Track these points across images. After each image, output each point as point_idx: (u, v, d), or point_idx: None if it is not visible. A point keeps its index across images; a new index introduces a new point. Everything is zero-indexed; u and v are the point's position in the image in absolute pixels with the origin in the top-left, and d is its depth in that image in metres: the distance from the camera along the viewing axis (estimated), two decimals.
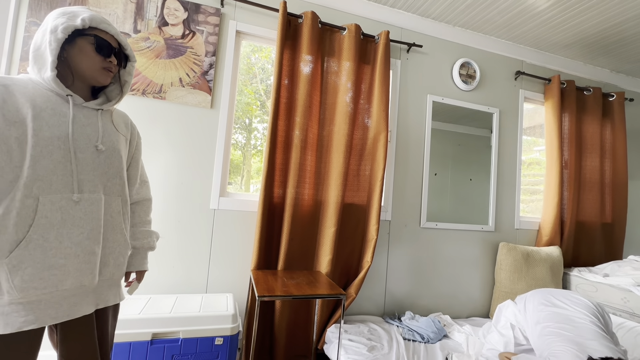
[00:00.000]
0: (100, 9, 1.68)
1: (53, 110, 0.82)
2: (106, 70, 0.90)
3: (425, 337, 1.74)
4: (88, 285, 0.86)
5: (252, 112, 2.13)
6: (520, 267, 2.22)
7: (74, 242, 0.82)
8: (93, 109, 0.91)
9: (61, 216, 0.80)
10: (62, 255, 0.80)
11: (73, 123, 0.84)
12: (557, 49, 2.55)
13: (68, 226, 0.81)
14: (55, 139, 0.81)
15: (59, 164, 0.81)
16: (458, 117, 2.40)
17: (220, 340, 1.43)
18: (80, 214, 0.83)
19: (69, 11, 0.85)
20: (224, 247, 1.85)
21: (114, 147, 0.94)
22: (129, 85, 1.00)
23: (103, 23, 0.88)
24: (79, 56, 0.86)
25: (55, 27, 0.80)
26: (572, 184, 2.53)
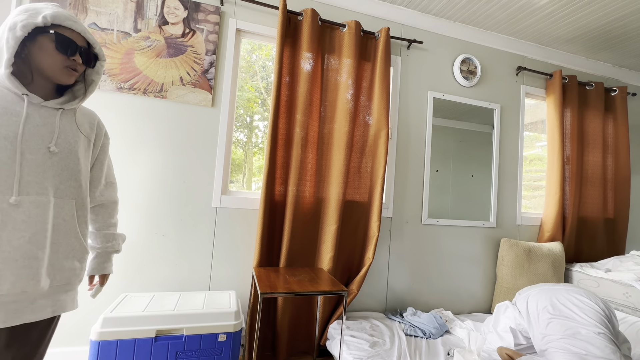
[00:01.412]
0: (100, 8, 1.69)
1: (4, 109, 0.79)
2: (69, 69, 0.87)
3: (427, 333, 1.75)
4: (32, 292, 0.81)
5: (253, 109, 2.13)
6: (522, 262, 2.22)
7: (13, 246, 0.78)
8: (53, 108, 0.88)
9: (1, 218, 0.77)
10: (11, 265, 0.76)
11: (25, 123, 0.82)
12: (559, 43, 2.54)
13: (8, 229, 0.77)
14: (2, 139, 0.78)
15: (4, 164, 0.78)
16: (459, 113, 2.40)
17: (223, 337, 1.45)
18: (22, 217, 0.80)
19: (32, 8, 0.82)
20: (227, 244, 1.86)
21: (70, 149, 0.90)
22: (96, 84, 0.97)
23: (68, 20, 0.84)
24: (39, 54, 0.83)
25: (14, 24, 0.78)
26: (574, 179, 2.53)
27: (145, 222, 1.74)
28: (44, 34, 0.82)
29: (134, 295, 1.60)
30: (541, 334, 1.33)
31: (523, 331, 1.48)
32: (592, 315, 1.26)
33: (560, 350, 1.22)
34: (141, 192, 1.74)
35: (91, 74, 0.96)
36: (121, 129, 1.72)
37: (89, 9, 1.67)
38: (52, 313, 0.86)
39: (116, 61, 1.70)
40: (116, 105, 1.71)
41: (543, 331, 1.33)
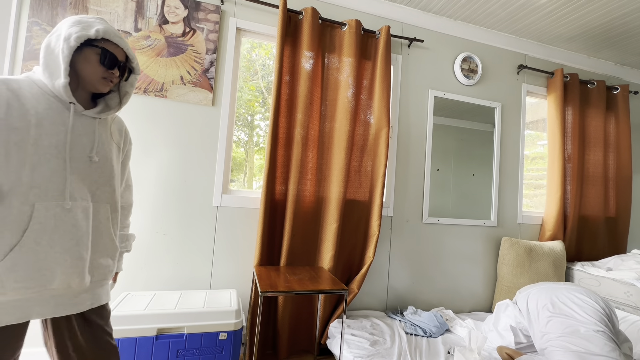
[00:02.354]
0: (101, 7, 1.69)
1: (53, 119, 0.84)
2: (106, 80, 0.92)
3: (427, 332, 1.75)
4: (76, 288, 0.88)
5: (254, 108, 2.13)
6: (523, 261, 2.22)
7: (64, 248, 0.84)
8: (91, 117, 0.93)
9: (54, 222, 0.82)
10: (52, 259, 0.82)
11: (71, 132, 0.87)
12: (560, 41, 2.53)
13: (60, 232, 0.83)
14: (53, 148, 0.83)
15: (55, 172, 0.83)
16: (460, 112, 2.39)
17: (224, 336, 1.45)
18: (72, 221, 0.85)
19: (84, 20, 0.87)
20: (227, 243, 1.86)
21: (106, 157, 0.96)
22: (129, 96, 1.02)
23: (116, 36, 0.90)
24: (83, 64, 0.88)
25: (69, 35, 0.83)
26: (575, 178, 2.52)
27: (146, 222, 1.74)
28: (91, 46, 0.87)
29: (135, 294, 1.60)
30: (541, 332, 1.33)
31: (523, 330, 1.48)
32: (592, 314, 1.26)
33: (559, 348, 1.22)
34: (142, 191, 1.74)
35: (125, 85, 1.01)
36: None
37: (89, 8, 1.68)
38: (90, 305, 0.93)
39: None
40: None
41: (543, 329, 1.33)
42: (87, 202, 0.90)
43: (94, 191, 0.92)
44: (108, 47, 0.90)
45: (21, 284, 0.78)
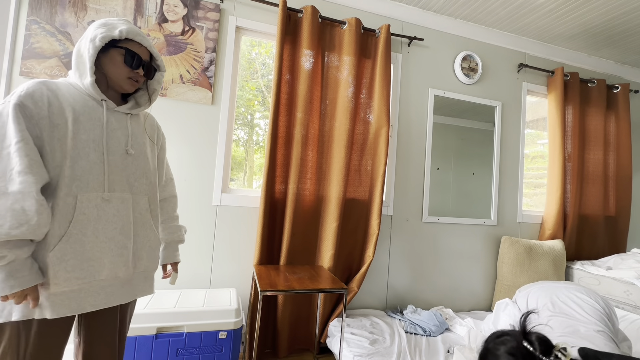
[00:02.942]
0: (100, 6, 1.68)
1: (89, 115, 0.88)
2: (132, 80, 0.95)
3: (427, 331, 1.75)
4: (123, 277, 0.93)
5: (253, 107, 2.13)
6: (523, 260, 2.22)
7: (108, 237, 0.88)
8: (123, 113, 0.97)
9: (97, 213, 0.86)
10: (98, 249, 0.86)
11: (106, 127, 0.91)
12: (561, 40, 2.52)
13: (103, 222, 0.87)
14: (91, 142, 0.87)
15: (94, 164, 0.87)
16: (460, 110, 2.39)
17: (224, 334, 1.45)
18: (113, 211, 0.89)
19: (109, 23, 0.91)
20: (227, 242, 1.86)
21: (140, 150, 0.99)
22: (158, 93, 1.05)
23: (139, 35, 0.93)
24: (109, 65, 0.91)
25: (94, 36, 0.87)
26: (575, 177, 2.52)
27: None
28: (116, 47, 0.91)
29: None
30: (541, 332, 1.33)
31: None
32: (592, 313, 1.26)
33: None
34: None
35: (152, 83, 1.04)
36: None
37: (88, 7, 1.67)
38: (134, 296, 0.97)
39: None
40: None
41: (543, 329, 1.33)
42: (126, 194, 0.93)
43: (132, 183, 0.95)
44: (132, 47, 0.93)
45: (72, 273, 0.81)
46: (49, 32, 1.61)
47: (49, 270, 0.79)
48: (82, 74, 0.88)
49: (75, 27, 1.65)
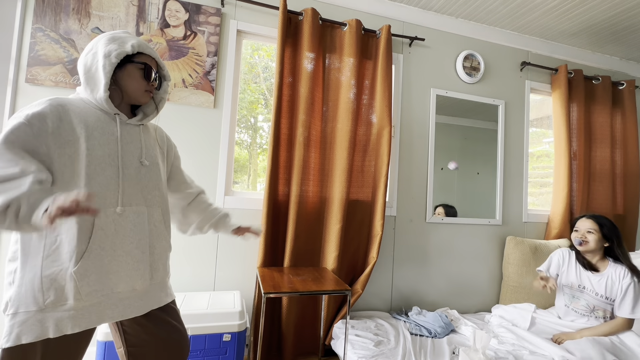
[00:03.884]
0: (103, 12, 1.71)
1: (103, 130, 0.89)
2: (148, 92, 0.97)
3: (432, 332, 1.73)
4: (140, 289, 0.94)
5: (256, 109, 2.14)
6: (529, 260, 2.19)
7: (125, 251, 0.89)
8: (135, 125, 0.97)
9: (114, 227, 0.87)
10: (116, 263, 0.87)
11: (120, 140, 0.92)
12: (564, 37, 2.50)
13: (120, 236, 0.88)
14: (107, 157, 0.88)
15: (111, 179, 0.88)
16: (463, 110, 2.38)
17: (228, 337, 1.46)
18: (130, 225, 0.90)
19: (118, 37, 0.91)
20: (231, 245, 1.87)
21: (153, 161, 1.00)
22: (165, 101, 1.06)
23: (148, 48, 0.95)
24: (128, 80, 0.93)
25: (109, 52, 0.87)
26: (581, 175, 2.49)
27: None
28: (132, 62, 0.92)
29: None
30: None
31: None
32: None
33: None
34: None
35: (159, 92, 1.05)
36: None
37: (92, 14, 1.69)
38: (150, 307, 0.98)
39: None
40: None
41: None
42: (141, 207, 0.94)
43: (146, 196, 0.96)
44: (145, 60, 0.94)
45: (93, 287, 0.83)
46: (54, 39, 1.64)
47: (73, 287, 0.80)
48: (95, 89, 0.88)
49: (79, 34, 1.67)
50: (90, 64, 0.88)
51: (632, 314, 1.52)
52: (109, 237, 0.86)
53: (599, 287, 1.63)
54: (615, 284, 1.59)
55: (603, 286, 1.62)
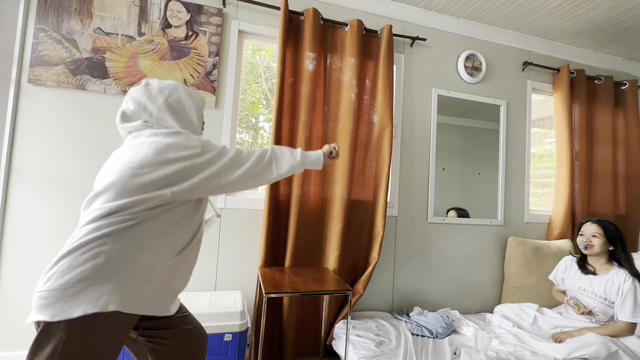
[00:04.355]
0: (105, 13, 1.71)
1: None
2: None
3: (433, 333, 1.73)
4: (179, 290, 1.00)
5: (257, 110, 2.14)
6: (530, 261, 2.18)
7: (194, 256, 1.00)
8: None
9: (201, 235, 1.02)
10: (191, 264, 0.99)
11: None
12: (566, 37, 2.49)
13: (199, 243, 1.01)
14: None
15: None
16: (465, 110, 2.37)
17: (229, 337, 1.46)
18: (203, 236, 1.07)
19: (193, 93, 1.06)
20: (232, 245, 1.87)
21: None
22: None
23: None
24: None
25: (200, 105, 1.07)
26: (583, 175, 2.48)
27: None
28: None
29: None
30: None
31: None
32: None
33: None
34: None
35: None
36: None
37: (94, 14, 1.70)
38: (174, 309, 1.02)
39: (121, 65, 1.72)
40: None
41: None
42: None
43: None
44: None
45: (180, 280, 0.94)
46: (56, 39, 1.65)
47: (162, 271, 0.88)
48: (196, 131, 1.04)
49: (81, 35, 1.68)
50: (193, 112, 1.04)
51: (632, 318, 1.53)
52: (198, 242, 0.99)
53: (598, 288, 1.66)
54: (615, 287, 1.61)
55: (602, 287, 1.65)
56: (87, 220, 0.83)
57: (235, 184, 0.97)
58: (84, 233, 0.81)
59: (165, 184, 0.87)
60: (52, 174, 1.65)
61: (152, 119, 0.96)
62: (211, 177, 0.93)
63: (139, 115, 0.96)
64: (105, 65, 1.70)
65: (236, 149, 1.00)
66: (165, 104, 0.97)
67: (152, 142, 0.89)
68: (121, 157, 0.89)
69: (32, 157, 1.63)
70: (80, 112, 1.69)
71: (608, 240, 1.68)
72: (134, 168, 0.85)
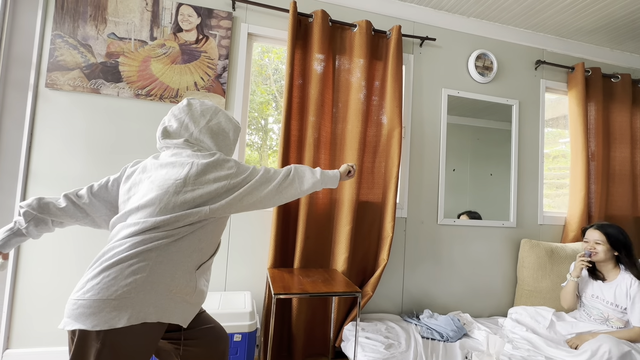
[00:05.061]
0: (118, 19, 1.75)
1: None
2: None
3: (444, 336, 1.71)
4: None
5: (266, 111, 2.16)
6: (544, 264, 2.13)
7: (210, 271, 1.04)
8: None
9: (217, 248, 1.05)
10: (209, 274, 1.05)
11: None
12: (581, 35, 2.43)
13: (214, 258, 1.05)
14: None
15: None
16: (476, 110, 2.34)
17: (238, 337, 1.47)
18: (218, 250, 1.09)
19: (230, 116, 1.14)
20: (241, 246, 1.88)
21: None
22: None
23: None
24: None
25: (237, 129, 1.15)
26: (600, 176, 2.41)
27: None
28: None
29: None
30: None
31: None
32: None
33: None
34: None
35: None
36: (139, 135, 1.78)
37: (108, 20, 1.74)
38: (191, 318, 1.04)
39: (134, 69, 1.76)
40: (134, 111, 1.77)
41: None
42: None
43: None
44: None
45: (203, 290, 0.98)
46: (72, 45, 1.69)
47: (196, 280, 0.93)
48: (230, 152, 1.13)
49: (96, 40, 1.72)
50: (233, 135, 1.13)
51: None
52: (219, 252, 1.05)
53: (608, 294, 1.65)
54: (623, 292, 1.60)
55: (612, 294, 1.63)
56: (128, 233, 0.87)
57: (265, 199, 1.03)
58: (127, 246, 0.85)
59: (205, 201, 0.93)
60: (68, 176, 1.69)
61: (192, 139, 1.03)
62: (245, 193, 0.99)
63: (179, 134, 1.02)
64: (118, 69, 1.74)
65: (264, 167, 1.07)
66: (206, 127, 1.04)
67: (193, 162, 0.95)
68: (162, 173, 0.94)
69: (48, 159, 1.67)
70: (94, 115, 1.73)
71: (611, 246, 1.67)
72: (177, 186, 0.91)
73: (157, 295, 0.85)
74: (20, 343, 1.62)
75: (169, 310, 0.87)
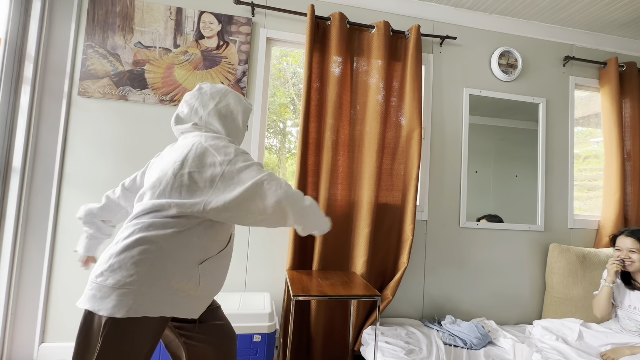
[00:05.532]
0: (144, 28, 1.83)
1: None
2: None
3: (467, 343, 1.65)
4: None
5: (285, 115, 2.18)
6: (575, 270, 2.02)
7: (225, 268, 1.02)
8: None
9: (232, 247, 1.05)
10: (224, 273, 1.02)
11: None
12: (613, 28, 2.30)
13: (230, 255, 1.04)
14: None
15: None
16: (499, 110, 2.26)
17: (258, 338, 1.48)
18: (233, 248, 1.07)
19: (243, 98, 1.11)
20: (261, 247, 1.91)
21: None
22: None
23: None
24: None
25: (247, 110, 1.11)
26: (636, 177, 2.26)
27: None
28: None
29: None
30: None
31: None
32: None
33: None
34: None
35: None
36: (164, 139, 1.84)
37: (134, 30, 1.83)
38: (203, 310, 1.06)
39: (158, 76, 1.83)
40: (158, 116, 1.84)
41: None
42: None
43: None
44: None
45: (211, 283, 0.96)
46: (102, 54, 1.78)
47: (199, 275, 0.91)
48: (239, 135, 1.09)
49: (124, 49, 1.81)
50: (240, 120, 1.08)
51: None
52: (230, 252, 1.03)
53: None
54: None
55: None
56: (134, 214, 0.91)
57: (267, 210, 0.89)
58: (130, 232, 0.88)
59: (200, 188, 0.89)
60: (98, 178, 1.78)
61: (201, 122, 1.02)
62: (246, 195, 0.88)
63: (190, 118, 1.03)
64: (144, 76, 1.82)
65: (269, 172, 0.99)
66: (214, 109, 1.02)
67: (194, 144, 0.93)
68: (171, 156, 0.96)
69: (80, 162, 1.77)
70: (122, 120, 1.81)
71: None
72: (176, 168, 0.90)
73: (158, 290, 0.85)
74: (54, 337, 1.71)
75: (172, 305, 0.87)
